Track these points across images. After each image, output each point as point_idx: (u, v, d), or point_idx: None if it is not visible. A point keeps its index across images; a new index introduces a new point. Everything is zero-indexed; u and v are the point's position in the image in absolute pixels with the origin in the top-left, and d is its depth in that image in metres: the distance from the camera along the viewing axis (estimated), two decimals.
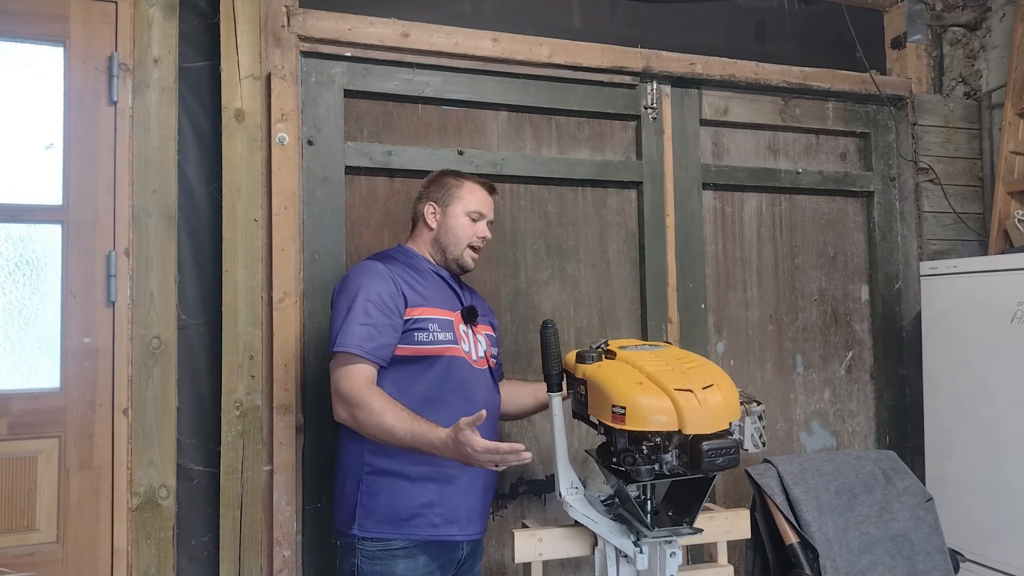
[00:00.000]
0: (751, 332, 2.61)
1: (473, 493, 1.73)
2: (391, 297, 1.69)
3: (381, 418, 1.57)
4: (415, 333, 1.70)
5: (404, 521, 1.65)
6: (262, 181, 2.00)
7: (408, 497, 1.66)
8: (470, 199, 1.85)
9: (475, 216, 1.85)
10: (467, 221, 1.84)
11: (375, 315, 1.66)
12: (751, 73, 2.55)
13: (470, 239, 1.85)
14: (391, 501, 1.66)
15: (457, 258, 1.85)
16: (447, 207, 1.85)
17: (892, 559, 2.03)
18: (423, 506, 1.66)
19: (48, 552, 1.82)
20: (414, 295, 1.73)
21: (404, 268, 1.78)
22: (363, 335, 1.63)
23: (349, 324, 1.65)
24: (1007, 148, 2.65)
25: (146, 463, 1.88)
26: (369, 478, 1.67)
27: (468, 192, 1.86)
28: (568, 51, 2.32)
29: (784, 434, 2.63)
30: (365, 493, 1.67)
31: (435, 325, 1.72)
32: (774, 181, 2.63)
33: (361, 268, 1.76)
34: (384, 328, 1.66)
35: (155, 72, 1.94)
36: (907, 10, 2.79)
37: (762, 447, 1.74)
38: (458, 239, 1.84)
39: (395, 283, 1.71)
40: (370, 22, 2.11)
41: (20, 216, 1.87)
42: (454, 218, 1.84)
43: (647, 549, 1.57)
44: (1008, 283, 2.28)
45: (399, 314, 1.69)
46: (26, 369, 1.86)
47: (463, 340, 1.77)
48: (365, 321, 1.65)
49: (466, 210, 1.84)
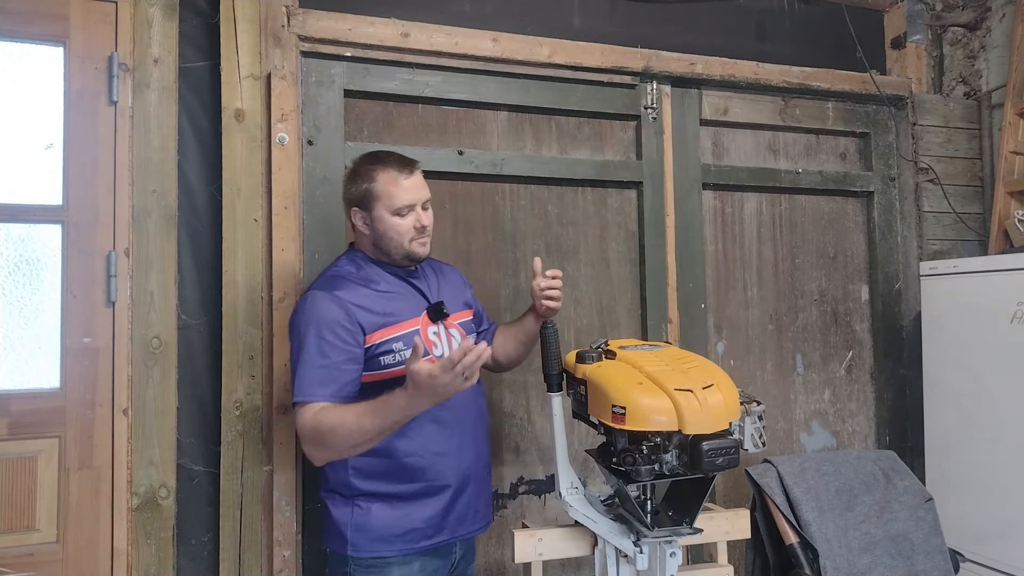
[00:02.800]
0: (751, 332, 2.61)
1: (467, 494, 1.69)
2: (345, 329, 1.56)
3: (343, 424, 1.48)
4: (380, 358, 1.60)
5: (399, 537, 1.60)
6: (262, 181, 2.00)
7: (402, 515, 1.60)
8: (392, 195, 1.64)
9: (404, 211, 1.65)
10: (397, 220, 1.65)
11: (331, 353, 1.54)
12: (751, 73, 2.55)
13: (409, 234, 1.67)
14: (386, 522, 1.60)
15: (405, 255, 1.69)
16: (371, 212, 1.66)
17: (892, 559, 2.03)
18: (419, 521, 1.61)
19: (48, 552, 1.82)
20: (372, 317, 1.60)
21: (356, 287, 1.64)
22: (322, 378, 1.53)
23: (305, 369, 1.54)
24: (1007, 148, 2.65)
25: (146, 463, 1.88)
26: (362, 500, 1.61)
27: (385, 186, 1.64)
28: (568, 51, 2.32)
29: (784, 434, 2.63)
30: (358, 514, 1.60)
31: (400, 343, 1.61)
32: (774, 181, 2.63)
33: (308, 302, 1.61)
34: (344, 365, 1.55)
35: (155, 72, 1.94)
36: (907, 10, 2.79)
37: (762, 447, 1.74)
38: (396, 240, 1.67)
39: (347, 311, 1.58)
40: (370, 22, 2.11)
41: (20, 216, 1.87)
42: (383, 221, 1.66)
43: (647, 549, 1.57)
44: (1008, 283, 2.28)
45: (358, 344, 1.57)
46: (26, 369, 1.86)
47: (435, 345, 1.66)
48: (322, 363, 1.54)
49: (391, 209, 1.65)
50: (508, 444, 2.28)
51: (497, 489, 2.25)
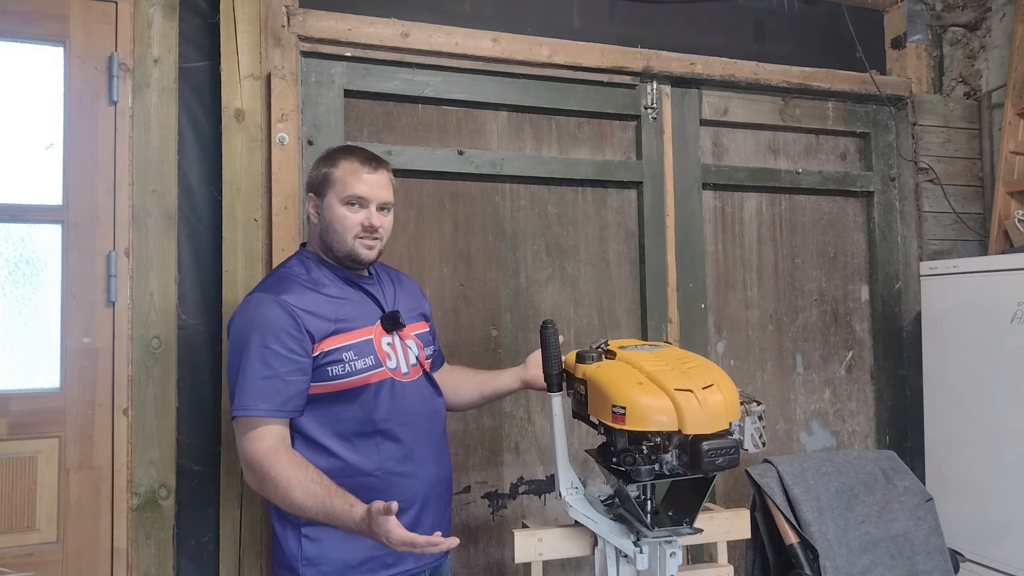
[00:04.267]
0: (751, 332, 2.61)
1: (429, 517, 1.58)
2: (291, 336, 1.44)
3: (289, 494, 1.37)
4: (329, 368, 1.48)
5: (354, 568, 1.49)
6: (262, 181, 2.00)
7: (356, 542, 1.45)
8: (346, 183, 1.54)
9: (353, 201, 1.54)
10: (346, 211, 1.54)
11: (275, 363, 1.43)
12: (751, 73, 2.55)
13: (354, 231, 1.54)
14: (338, 550, 1.48)
15: (347, 253, 1.56)
16: (324, 198, 1.56)
17: (892, 559, 2.03)
18: (373, 547, 1.45)
19: (48, 552, 1.82)
20: (321, 324, 1.49)
21: (305, 291, 1.51)
22: (264, 391, 1.42)
23: (246, 380, 1.42)
24: (1007, 148, 2.65)
25: (146, 463, 1.88)
26: (309, 529, 1.48)
27: (343, 175, 1.55)
28: (568, 51, 2.32)
29: (784, 434, 2.63)
30: (307, 546, 1.48)
31: (351, 353, 1.50)
32: (774, 181, 2.63)
33: (252, 306, 1.48)
34: (289, 376, 1.44)
35: (155, 72, 1.94)
36: (907, 10, 2.79)
37: (762, 447, 1.74)
38: (339, 234, 1.55)
39: (295, 317, 1.46)
40: (370, 22, 2.11)
41: (20, 216, 1.87)
42: (331, 210, 1.55)
43: (647, 549, 1.57)
44: (1008, 283, 2.28)
45: (305, 353, 1.46)
46: (26, 369, 1.86)
47: (388, 356, 1.56)
48: (265, 374, 1.42)
49: (341, 197, 1.54)
50: (508, 444, 2.28)
51: (497, 489, 2.25)
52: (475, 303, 2.27)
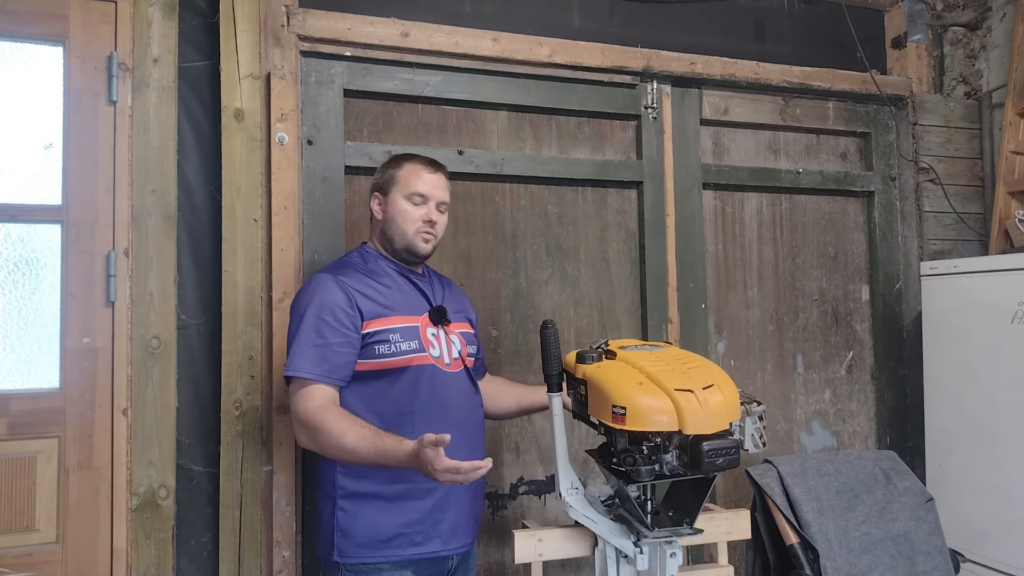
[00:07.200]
0: (751, 332, 2.61)
1: (457, 504, 1.67)
2: (344, 312, 1.59)
3: (341, 440, 1.49)
4: (376, 346, 1.61)
5: (385, 543, 1.59)
6: (262, 181, 2.00)
7: (387, 518, 1.60)
8: (409, 181, 1.72)
9: (417, 199, 1.71)
10: (408, 206, 1.71)
11: (327, 334, 1.58)
12: (751, 73, 2.55)
13: (415, 224, 1.71)
14: (370, 524, 1.60)
15: (406, 246, 1.72)
16: (388, 195, 1.73)
17: (892, 559, 2.03)
18: (403, 525, 1.60)
19: (48, 552, 1.82)
20: (372, 306, 1.63)
21: (361, 276, 1.68)
22: (315, 357, 1.56)
23: (300, 346, 1.58)
24: (1007, 148, 2.64)
25: (146, 463, 1.88)
26: (344, 502, 1.61)
27: (407, 174, 1.72)
28: (568, 51, 2.32)
29: (784, 434, 2.63)
30: (342, 518, 1.60)
31: (396, 335, 1.63)
32: (774, 181, 2.63)
33: (313, 283, 1.65)
34: (338, 347, 1.58)
35: (155, 72, 1.94)
36: (907, 10, 2.78)
37: (762, 447, 1.74)
38: (401, 227, 1.71)
39: (349, 296, 1.61)
40: (370, 22, 2.11)
41: (20, 216, 1.87)
42: (394, 205, 1.71)
43: (647, 549, 1.57)
44: (1008, 283, 2.28)
45: (355, 329, 1.60)
46: (26, 369, 1.86)
47: (432, 345, 1.68)
48: (317, 342, 1.57)
49: (405, 193, 1.71)
50: (508, 444, 2.28)
51: (497, 489, 2.25)
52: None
